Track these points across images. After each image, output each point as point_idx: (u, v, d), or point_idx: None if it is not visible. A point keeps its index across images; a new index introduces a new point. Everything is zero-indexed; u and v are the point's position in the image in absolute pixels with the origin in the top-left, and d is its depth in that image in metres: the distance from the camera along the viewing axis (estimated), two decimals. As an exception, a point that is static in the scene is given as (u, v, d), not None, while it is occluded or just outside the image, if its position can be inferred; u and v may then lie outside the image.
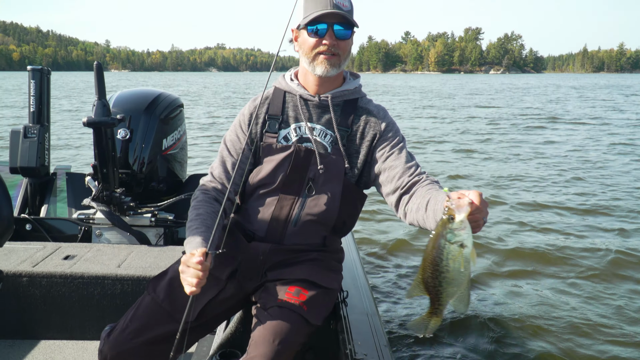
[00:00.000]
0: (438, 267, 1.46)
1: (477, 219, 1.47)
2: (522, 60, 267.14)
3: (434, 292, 1.52)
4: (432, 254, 1.48)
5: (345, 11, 1.91)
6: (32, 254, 2.68)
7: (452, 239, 1.43)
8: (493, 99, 34.52)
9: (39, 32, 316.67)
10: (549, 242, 5.90)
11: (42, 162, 3.37)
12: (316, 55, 1.95)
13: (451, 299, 1.55)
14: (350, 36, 1.96)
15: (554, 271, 5.13)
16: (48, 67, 3.47)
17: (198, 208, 1.97)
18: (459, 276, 1.48)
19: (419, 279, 1.53)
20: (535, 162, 11.00)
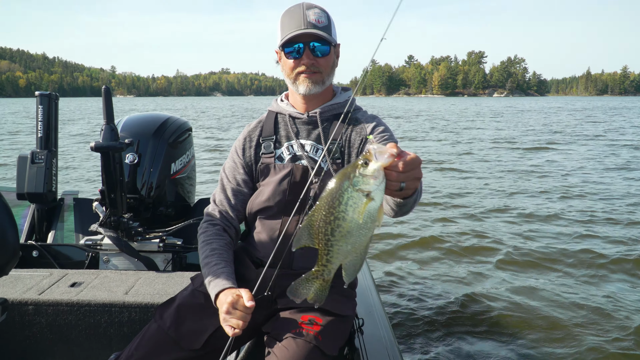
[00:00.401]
0: (333, 210, 1.27)
1: (393, 177, 1.30)
2: (525, 83, 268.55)
3: (323, 242, 1.32)
4: (331, 193, 1.29)
5: (320, 28, 1.90)
6: (39, 282, 2.62)
7: (357, 184, 1.26)
8: (497, 122, 34.58)
9: (45, 58, 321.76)
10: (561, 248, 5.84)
11: (50, 188, 3.33)
12: (297, 75, 1.95)
13: (343, 259, 1.35)
14: (330, 52, 1.95)
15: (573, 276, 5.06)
16: (56, 93, 3.46)
17: (211, 242, 1.95)
18: (356, 232, 1.29)
19: (309, 220, 1.33)
20: (536, 180, 10.95)
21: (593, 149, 17.68)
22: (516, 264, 5.88)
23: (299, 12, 1.92)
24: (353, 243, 1.30)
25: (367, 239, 1.32)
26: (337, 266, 1.36)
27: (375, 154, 1.26)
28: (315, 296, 1.43)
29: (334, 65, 2.02)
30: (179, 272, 2.87)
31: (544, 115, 42.63)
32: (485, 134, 24.17)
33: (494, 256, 6.16)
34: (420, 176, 1.36)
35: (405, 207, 1.61)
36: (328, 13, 1.97)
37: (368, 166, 1.25)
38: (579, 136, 22.97)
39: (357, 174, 1.26)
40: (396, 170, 1.29)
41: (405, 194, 1.39)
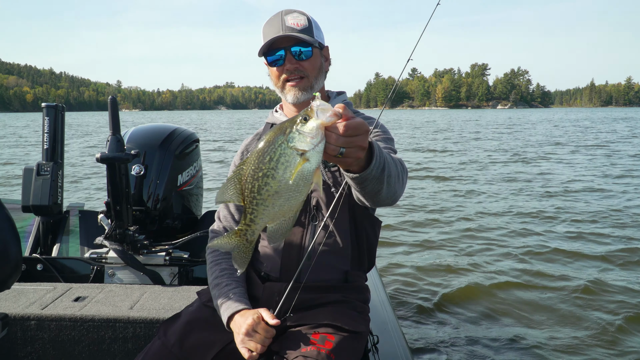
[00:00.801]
0: (262, 165, 1.16)
1: (332, 140, 1.18)
2: (529, 95, 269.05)
3: (249, 199, 1.21)
4: (263, 147, 1.18)
5: (299, 30, 1.85)
6: (42, 296, 2.57)
7: (292, 140, 1.15)
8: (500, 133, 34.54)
9: (52, 73, 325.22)
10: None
11: (55, 200, 3.29)
12: (283, 83, 1.91)
13: (268, 220, 1.24)
14: (314, 54, 1.89)
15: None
16: (62, 104, 3.43)
17: (219, 262, 1.90)
18: (285, 193, 1.18)
19: (236, 172, 1.22)
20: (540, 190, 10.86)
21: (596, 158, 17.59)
22: (539, 275, 5.74)
23: (277, 18, 1.88)
24: (281, 205, 1.20)
25: (297, 203, 1.21)
26: (262, 227, 1.25)
27: (317, 110, 1.16)
28: (238, 257, 1.32)
29: (322, 68, 1.96)
30: (186, 286, 2.81)
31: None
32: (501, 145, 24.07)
33: (513, 269, 6.03)
34: (365, 146, 1.24)
35: (365, 186, 1.45)
36: (309, 16, 1.93)
37: (307, 122, 1.15)
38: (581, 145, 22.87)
39: (294, 129, 1.15)
40: (336, 132, 1.17)
41: (345, 163, 1.27)
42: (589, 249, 6.70)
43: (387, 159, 1.46)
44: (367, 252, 1.96)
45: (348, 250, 1.89)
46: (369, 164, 1.36)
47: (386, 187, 1.49)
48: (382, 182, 1.45)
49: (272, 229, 1.26)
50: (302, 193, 1.19)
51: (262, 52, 1.91)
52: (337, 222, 1.86)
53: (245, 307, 1.74)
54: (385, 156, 1.44)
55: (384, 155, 1.44)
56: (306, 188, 1.19)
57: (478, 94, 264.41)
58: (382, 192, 1.51)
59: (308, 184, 1.18)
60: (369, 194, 1.51)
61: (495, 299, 5.14)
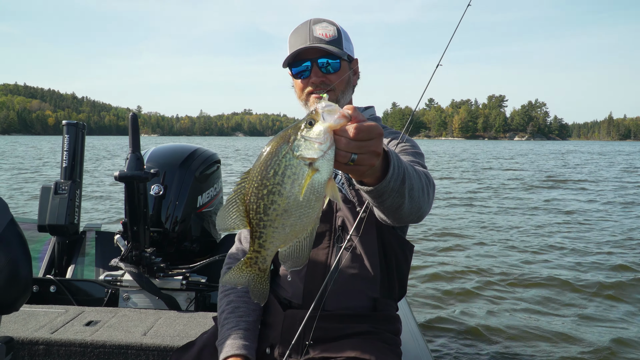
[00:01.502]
0: (267, 182, 1.02)
1: (342, 145, 1.04)
2: (546, 127, 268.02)
3: (255, 222, 1.06)
4: (265, 160, 1.03)
5: (328, 42, 1.76)
6: (53, 319, 2.47)
7: (298, 149, 1.01)
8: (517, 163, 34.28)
9: (75, 98, 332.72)
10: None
11: (72, 220, 3.21)
12: (307, 96, 1.81)
13: (279, 244, 1.08)
14: (342, 67, 1.80)
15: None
16: (83, 122, 3.39)
17: (228, 294, 1.80)
18: (296, 211, 1.03)
19: (237, 192, 1.07)
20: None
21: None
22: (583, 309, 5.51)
23: (305, 28, 1.80)
24: (292, 225, 1.05)
25: (310, 221, 1.06)
26: (273, 253, 1.11)
27: (323, 113, 1.02)
28: (254, 290, 1.16)
29: (350, 81, 1.87)
30: (202, 313, 2.70)
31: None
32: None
33: (551, 300, 5.81)
34: (379, 151, 1.11)
35: (384, 200, 1.31)
36: (339, 26, 1.84)
37: (313, 127, 1.02)
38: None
39: (298, 136, 1.02)
40: (346, 136, 1.04)
41: (358, 172, 1.13)
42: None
43: (408, 170, 1.32)
44: (398, 278, 1.83)
45: (377, 276, 1.76)
46: (385, 175, 1.23)
47: (408, 201, 1.35)
48: (402, 195, 1.31)
49: (285, 253, 1.11)
50: (314, 209, 1.05)
51: (287, 63, 1.83)
52: (364, 243, 1.74)
53: (233, 354, 1.63)
54: (405, 166, 1.30)
55: (404, 165, 1.30)
56: (319, 202, 1.05)
57: (495, 125, 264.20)
58: (404, 207, 1.37)
59: (320, 197, 1.05)
60: (389, 209, 1.37)
61: (539, 333, 4.90)
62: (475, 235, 9.58)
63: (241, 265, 1.14)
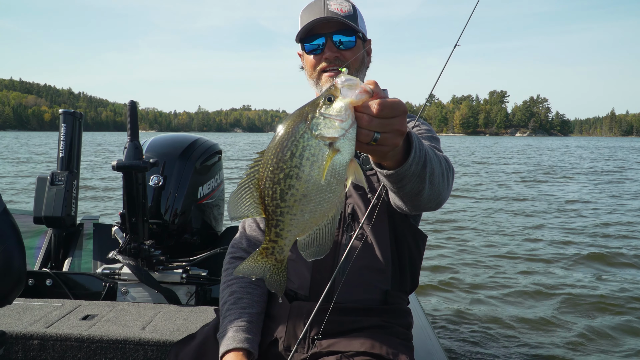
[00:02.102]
0: (283, 164, 0.94)
1: (364, 123, 0.96)
2: (548, 123, 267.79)
3: (271, 209, 0.97)
4: (281, 141, 0.95)
5: (343, 17, 1.67)
6: (48, 313, 2.40)
7: (317, 128, 0.93)
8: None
9: (71, 93, 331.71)
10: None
11: (69, 212, 3.13)
12: (319, 74, 1.72)
13: (298, 232, 0.99)
14: (357, 44, 1.72)
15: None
16: (81, 112, 3.30)
17: (231, 284, 1.72)
18: (316, 195, 0.95)
19: (251, 176, 0.98)
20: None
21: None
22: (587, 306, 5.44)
23: (319, 3, 1.72)
24: (311, 211, 0.97)
25: (331, 207, 0.98)
26: (292, 242, 1.02)
27: (343, 87, 0.93)
28: (271, 280, 1.08)
29: (365, 61, 1.79)
30: (203, 307, 2.63)
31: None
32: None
33: (562, 295, 5.73)
34: (404, 130, 1.02)
35: (404, 185, 1.23)
36: (354, 4, 1.76)
37: (332, 104, 0.93)
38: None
39: (317, 114, 0.93)
40: (369, 112, 0.95)
41: (380, 152, 1.04)
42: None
43: (429, 153, 1.24)
44: (410, 270, 1.74)
45: (388, 267, 1.67)
46: (407, 158, 1.14)
47: (429, 186, 1.27)
48: (423, 180, 1.23)
49: (304, 242, 1.02)
50: (336, 193, 0.97)
51: (300, 38, 1.74)
52: (375, 233, 1.65)
53: (235, 347, 1.55)
54: (426, 149, 1.22)
55: (425, 148, 1.21)
56: (340, 186, 0.97)
57: (496, 121, 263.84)
58: (424, 193, 1.28)
59: (342, 180, 0.96)
60: (408, 195, 1.28)
61: (551, 328, 4.85)
62: (484, 226, 9.56)
63: (256, 255, 1.06)
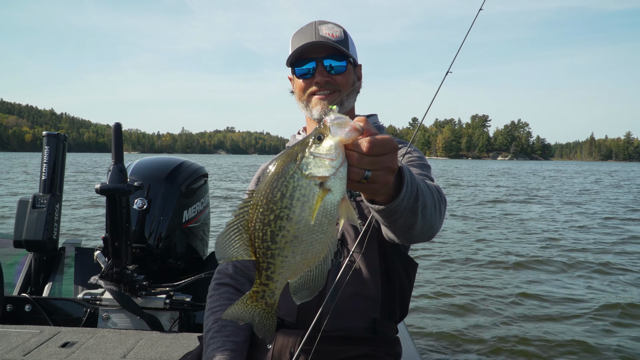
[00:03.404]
0: (273, 205, 0.92)
1: (354, 161, 0.95)
2: (529, 147, 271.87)
3: (261, 251, 0.95)
4: (270, 182, 0.93)
5: (334, 41, 1.69)
6: (26, 340, 2.32)
7: (307, 167, 0.92)
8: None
9: (53, 114, 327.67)
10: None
11: (50, 236, 3.07)
12: (309, 97, 1.74)
13: (290, 274, 0.97)
14: (348, 69, 1.73)
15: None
16: (65, 134, 3.26)
17: (216, 311, 1.67)
18: (307, 237, 0.94)
19: (240, 217, 0.96)
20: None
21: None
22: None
23: (311, 28, 1.74)
24: (303, 253, 0.95)
25: (323, 247, 0.96)
26: (283, 285, 1.00)
27: (332, 126, 0.92)
28: (260, 326, 1.05)
29: (355, 87, 1.80)
30: (186, 333, 2.57)
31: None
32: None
33: (550, 319, 5.71)
34: (395, 167, 1.02)
35: (396, 220, 1.22)
36: (345, 29, 1.78)
37: (322, 142, 0.92)
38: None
39: (306, 153, 0.92)
40: (359, 150, 0.94)
41: (371, 190, 1.04)
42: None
43: (421, 186, 1.23)
44: (400, 298, 1.72)
45: (378, 295, 1.65)
46: (399, 193, 1.14)
47: (421, 219, 1.26)
48: (415, 213, 1.22)
49: (296, 284, 1.00)
50: (327, 233, 0.95)
51: (290, 62, 1.76)
52: (365, 260, 1.63)
53: None
54: (418, 182, 1.21)
55: (417, 181, 1.21)
56: (332, 226, 0.95)
57: (478, 144, 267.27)
58: (417, 226, 1.27)
59: (334, 220, 0.94)
60: (400, 229, 1.27)
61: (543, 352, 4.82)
62: (469, 249, 9.56)
63: (246, 299, 1.02)
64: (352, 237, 1.63)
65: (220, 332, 1.62)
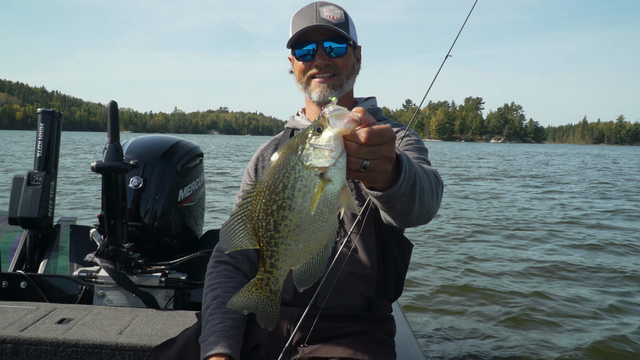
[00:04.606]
0: (276, 196, 0.96)
1: (352, 151, 0.98)
2: (522, 130, 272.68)
3: (265, 240, 0.99)
4: (272, 173, 0.97)
5: (335, 24, 1.70)
6: (22, 316, 2.34)
7: (307, 159, 0.95)
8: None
9: (44, 92, 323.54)
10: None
11: (45, 213, 3.07)
12: (309, 79, 1.76)
13: (293, 262, 1.02)
14: (348, 51, 1.75)
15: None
16: (59, 111, 3.24)
17: (215, 288, 1.70)
18: (309, 225, 0.98)
19: (243, 208, 1.00)
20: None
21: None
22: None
23: (311, 9, 1.74)
24: (305, 241, 0.99)
25: (324, 234, 1.00)
26: (286, 272, 1.04)
27: (331, 118, 0.96)
28: (263, 314, 1.09)
29: (355, 68, 1.82)
30: (182, 311, 2.59)
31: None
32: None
33: (545, 299, 5.80)
34: (392, 156, 1.05)
35: (394, 205, 1.26)
36: (345, 11, 1.78)
37: (321, 134, 0.96)
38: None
39: (307, 145, 0.96)
40: (357, 141, 0.98)
41: (370, 178, 1.07)
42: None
43: (418, 172, 1.26)
44: (395, 278, 1.76)
45: (374, 274, 1.69)
46: (397, 179, 1.17)
47: (418, 204, 1.29)
48: (413, 199, 1.25)
49: (299, 271, 1.03)
50: (329, 222, 0.99)
51: (291, 44, 1.76)
52: (362, 240, 1.67)
53: (217, 352, 1.52)
54: (415, 168, 1.24)
55: (414, 167, 1.24)
56: (333, 215, 0.99)
57: (472, 127, 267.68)
58: (414, 211, 1.31)
59: (335, 209, 0.98)
60: (398, 213, 1.31)
61: (533, 337, 4.87)
62: (466, 231, 9.64)
63: (250, 287, 1.06)
64: (350, 218, 1.66)
65: (219, 308, 1.65)
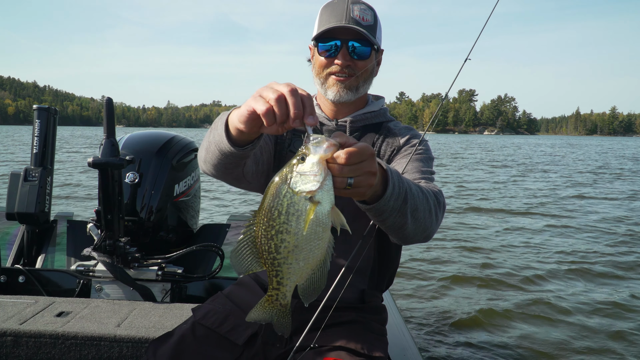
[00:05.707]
0: (273, 222, 1.08)
1: (336, 172, 1.08)
2: (515, 122, 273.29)
3: (269, 262, 1.12)
4: (268, 202, 1.09)
5: (364, 26, 1.69)
6: (21, 310, 2.39)
7: (296, 186, 1.07)
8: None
9: (36, 87, 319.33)
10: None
11: (42, 209, 3.11)
12: (327, 76, 1.75)
13: (297, 278, 1.13)
14: (371, 55, 1.74)
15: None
16: (55, 108, 3.27)
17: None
18: (306, 245, 1.09)
19: (247, 235, 1.12)
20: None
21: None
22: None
23: (342, 5, 1.72)
24: (305, 258, 1.11)
25: (321, 251, 1.11)
26: (292, 287, 1.16)
27: (312, 146, 1.07)
28: (278, 324, 1.21)
29: (373, 72, 1.82)
30: (178, 304, 2.64)
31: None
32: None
33: (533, 291, 5.90)
34: (374, 170, 1.14)
35: (386, 219, 1.33)
36: (376, 12, 1.77)
37: (305, 161, 1.07)
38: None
39: (294, 173, 1.07)
40: (338, 162, 1.07)
41: (358, 194, 1.16)
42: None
43: (412, 190, 1.34)
44: (387, 271, 1.82)
45: (368, 268, 1.75)
46: (385, 194, 1.26)
47: (412, 221, 1.37)
48: (404, 215, 1.33)
49: (303, 287, 1.15)
50: (323, 239, 1.10)
51: (316, 37, 1.74)
52: (359, 235, 1.71)
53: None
54: (408, 186, 1.32)
55: (406, 185, 1.31)
56: (326, 233, 1.10)
57: (465, 119, 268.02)
58: (407, 227, 1.39)
59: (327, 227, 1.09)
60: (391, 228, 1.39)
61: (518, 324, 4.97)
62: (455, 223, 9.71)
63: (263, 302, 1.18)
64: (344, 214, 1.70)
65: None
